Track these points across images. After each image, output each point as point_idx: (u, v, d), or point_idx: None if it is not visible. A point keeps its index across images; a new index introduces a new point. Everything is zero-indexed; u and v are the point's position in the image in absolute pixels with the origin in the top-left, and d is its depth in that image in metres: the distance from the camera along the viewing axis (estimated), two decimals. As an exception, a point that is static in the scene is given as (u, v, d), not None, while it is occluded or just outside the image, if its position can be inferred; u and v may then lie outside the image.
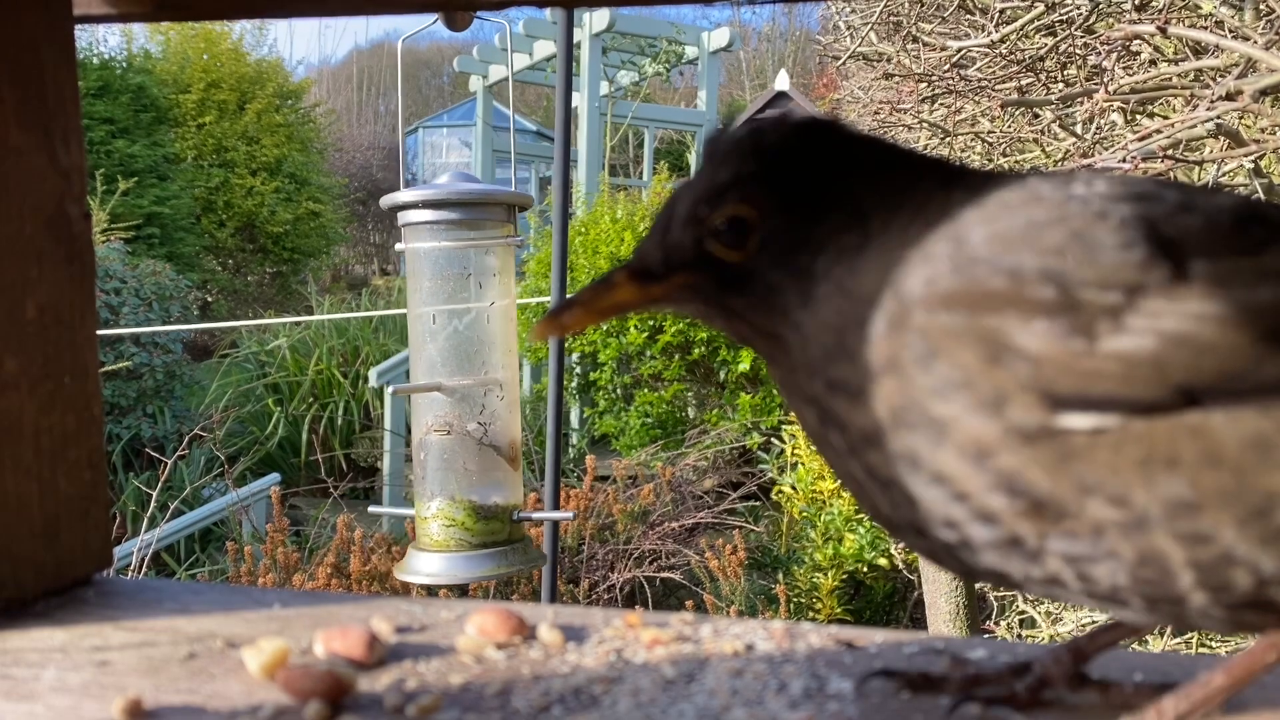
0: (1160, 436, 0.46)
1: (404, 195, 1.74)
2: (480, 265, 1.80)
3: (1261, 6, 1.01)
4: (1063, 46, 1.65)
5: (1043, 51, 1.71)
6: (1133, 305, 0.46)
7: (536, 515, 1.89)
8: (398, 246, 1.83)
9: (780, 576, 4.79)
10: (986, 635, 2.79)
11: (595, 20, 9.31)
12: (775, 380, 0.58)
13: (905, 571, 4.70)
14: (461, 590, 3.00)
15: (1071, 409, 0.46)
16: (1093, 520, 0.47)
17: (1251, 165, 1.01)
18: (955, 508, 0.50)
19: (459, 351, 1.81)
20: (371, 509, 2.06)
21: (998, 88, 1.95)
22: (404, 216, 1.76)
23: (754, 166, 0.54)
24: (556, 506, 2.05)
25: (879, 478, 0.53)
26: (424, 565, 1.75)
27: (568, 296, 0.58)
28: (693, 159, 11.35)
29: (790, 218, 0.54)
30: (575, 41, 8.68)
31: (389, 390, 6.56)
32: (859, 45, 2.90)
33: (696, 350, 6.76)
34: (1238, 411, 0.45)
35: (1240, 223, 0.49)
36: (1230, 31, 1.01)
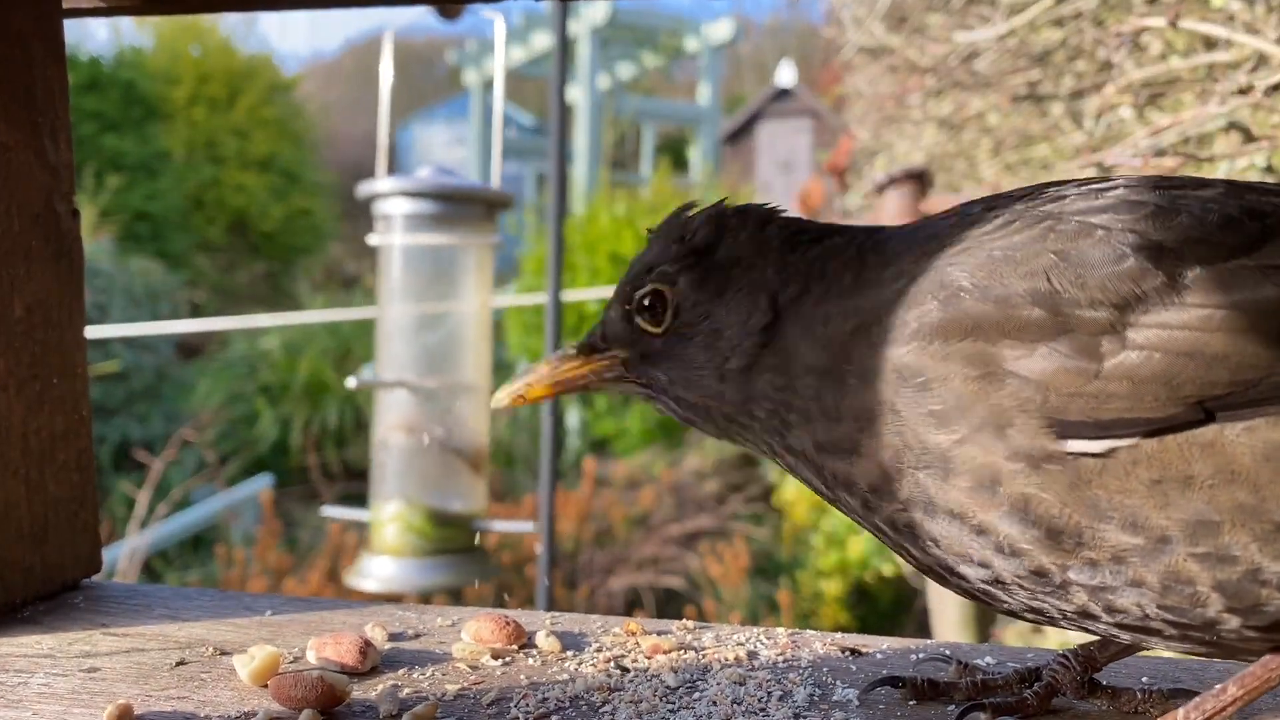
0: (1173, 455, 0.45)
1: (380, 184, 1.71)
2: (455, 264, 1.78)
3: (1273, 0, 1.00)
4: (1072, 40, 1.63)
5: (1052, 45, 1.70)
6: (1132, 320, 0.45)
7: (497, 525, 1.88)
8: (368, 239, 1.79)
9: (782, 581, 4.76)
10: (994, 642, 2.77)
11: (594, 14, 9.28)
12: (752, 450, 0.60)
13: (911, 578, 4.68)
14: (456, 596, 2.99)
15: (1081, 436, 0.46)
16: (1112, 547, 0.46)
17: (1265, 165, 1.00)
18: (977, 543, 0.49)
19: (427, 351, 1.78)
20: (324, 510, 2.04)
21: (1006, 82, 1.93)
22: (379, 207, 1.73)
23: (677, 250, 0.59)
24: (552, 510, 2.04)
25: (900, 526, 0.52)
26: (376, 569, 1.73)
27: (529, 365, 0.63)
28: (693, 154, 11.32)
29: (701, 297, 0.58)
30: (573, 35, 8.64)
31: (350, 383, 6.47)
32: (864, 38, 2.88)
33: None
34: (1251, 422, 0.44)
35: (1230, 219, 0.47)
36: (1243, 25, 1.00)
